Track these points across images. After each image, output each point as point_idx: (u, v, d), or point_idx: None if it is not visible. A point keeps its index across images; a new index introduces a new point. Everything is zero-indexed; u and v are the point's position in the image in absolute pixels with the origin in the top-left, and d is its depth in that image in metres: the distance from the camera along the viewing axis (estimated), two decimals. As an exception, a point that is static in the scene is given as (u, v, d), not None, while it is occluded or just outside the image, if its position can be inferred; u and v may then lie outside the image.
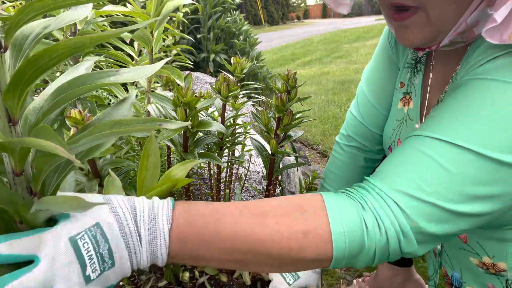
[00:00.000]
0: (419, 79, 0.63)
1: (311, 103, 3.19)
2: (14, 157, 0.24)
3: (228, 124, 0.74)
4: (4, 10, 0.77)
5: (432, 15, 0.46)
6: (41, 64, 0.20)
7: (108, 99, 1.27)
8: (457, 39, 0.49)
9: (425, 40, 0.50)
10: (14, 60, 0.22)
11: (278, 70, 4.73)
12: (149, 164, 0.37)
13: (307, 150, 2.24)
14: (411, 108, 0.64)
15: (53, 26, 0.23)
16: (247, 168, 1.26)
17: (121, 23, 2.28)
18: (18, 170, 0.25)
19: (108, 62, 0.87)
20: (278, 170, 0.76)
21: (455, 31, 0.47)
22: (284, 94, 0.66)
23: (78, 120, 0.49)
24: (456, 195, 0.41)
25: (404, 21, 0.48)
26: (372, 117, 0.75)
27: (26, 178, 0.26)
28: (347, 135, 0.81)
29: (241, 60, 0.77)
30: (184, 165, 0.39)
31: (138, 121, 0.23)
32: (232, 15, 3.26)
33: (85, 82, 0.22)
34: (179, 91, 0.57)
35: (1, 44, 0.21)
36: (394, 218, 0.42)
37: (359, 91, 0.78)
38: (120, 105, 0.29)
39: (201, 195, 1.10)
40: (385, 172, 0.46)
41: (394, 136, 0.68)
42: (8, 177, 0.25)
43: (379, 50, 0.74)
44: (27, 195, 0.27)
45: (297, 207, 0.43)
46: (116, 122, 0.23)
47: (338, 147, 0.82)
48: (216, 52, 2.99)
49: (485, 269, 0.55)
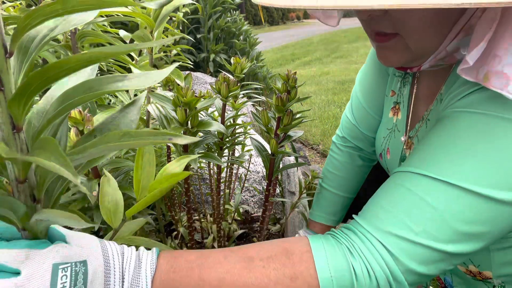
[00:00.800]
0: (407, 90, 0.63)
1: (311, 103, 3.18)
2: (17, 165, 0.23)
3: (228, 124, 0.74)
4: (4, 10, 0.77)
5: (410, 43, 0.46)
6: (51, 75, 0.20)
7: (108, 99, 1.27)
8: (438, 63, 0.49)
9: (403, 62, 0.49)
10: (19, 63, 0.22)
11: (278, 70, 4.73)
12: (144, 162, 0.37)
13: (307, 150, 2.24)
14: (399, 119, 0.64)
15: (59, 29, 0.23)
16: (247, 168, 1.26)
17: (121, 23, 2.28)
18: (21, 178, 0.25)
19: (108, 62, 0.87)
20: (278, 170, 0.76)
21: (434, 57, 0.47)
22: (284, 94, 0.66)
23: (78, 120, 0.49)
24: (446, 233, 0.40)
25: (384, 42, 0.48)
26: (365, 121, 0.75)
27: (30, 186, 0.26)
28: (342, 137, 0.82)
29: (241, 60, 0.77)
30: (179, 161, 0.39)
31: (148, 133, 0.22)
32: (232, 15, 3.26)
33: (92, 88, 0.22)
34: (179, 91, 0.57)
35: (6, 49, 0.20)
36: (383, 262, 0.40)
37: (353, 95, 0.78)
38: (128, 109, 0.29)
39: (201, 195, 1.10)
40: (371, 211, 0.45)
41: (384, 144, 0.68)
42: (12, 185, 0.25)
43: (371, 54, 0.74)
44: (31, 202, 0.27)
45: (283, 250, 0.42)
46: (125, 133, 0.22)
47: (335, 147, 0.82)
48: (216, 52, 2.99)
49: (472, 276, 0.55)
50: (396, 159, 0.63)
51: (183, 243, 1.00)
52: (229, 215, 1.13)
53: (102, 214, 0.39)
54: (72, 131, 0.49)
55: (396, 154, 0.64)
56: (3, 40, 0.20)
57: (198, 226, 1.04)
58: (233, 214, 1.13)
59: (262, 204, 1.31)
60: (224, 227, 0.96)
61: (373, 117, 0.74)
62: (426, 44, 0.45)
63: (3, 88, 0.22)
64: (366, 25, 0.49)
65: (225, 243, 0.99)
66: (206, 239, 1.03)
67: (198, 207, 1.03)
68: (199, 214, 1.01)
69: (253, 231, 1.17)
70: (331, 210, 0.79)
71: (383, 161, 0.69)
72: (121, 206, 0.40)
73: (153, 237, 0.93)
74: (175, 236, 1.07)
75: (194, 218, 1.12)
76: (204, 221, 1.04)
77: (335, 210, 0.79)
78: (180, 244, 1.01)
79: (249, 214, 1.29)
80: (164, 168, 0.38)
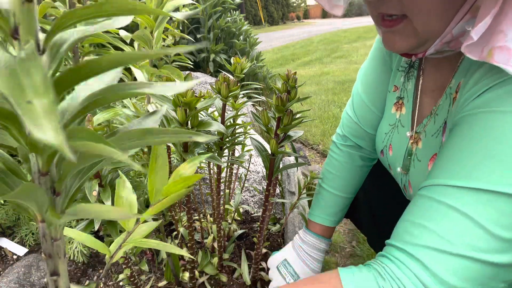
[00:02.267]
0: (411, 85, 0.62)
1: (311, 103, 3.19)
2: (43, 157, 0.24)
3: (228, 124, 0.74)
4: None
5: (417, 25, 0.46)
6: (82, 73, 0.20)
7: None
8: (444, 48, 0.49)
9: (410, 47, 0.49)
10: (50, 62, 0.22)
11: (278, 70, 4.73)
12: (157, 166, 0.37)
13: (307, 150, 2.24)
14: (403, 114, 0.64)
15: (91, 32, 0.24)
16: (247, 168, 1.26)
17: (121, 23, 2.28)
18: (44, 170, 0.25)
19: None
20: (278, 170, 0.76)
21: (440, 40, 0.47)
22: (284, 94, 0.66)
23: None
24: (488, 242, 0.37)
25: (392, 27, 0.48)
26: (367, 118, 0.75)
27: (51, 178, 0.26)
28: (343, 135, 0.81)
29: (241, 60, 0.77)
30: (190, 162, 0.39)
31: (169, 131, 0.23)
32: (232, 15, 3.26)
33: (118, 91, 0.23)
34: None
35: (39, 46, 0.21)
36: (417, 280, 0.38)
37: (354, 92, 0.78)
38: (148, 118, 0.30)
39: (201, 195, 1.10)
40: (402, 230, 0.43)
41: (386, 141, 0.68)
42: (33, 177, 0.26)
43: (374, 50, 0.73)
44: (51, 195, 0.27)
45: (314, 280, 0.45)
46: (147, 131, 0.23)
47: (335, 147, 0.82)
48: (216, 52, 2.99)
49: None
50: (400, 155, 0.63)
51: (183, 243, 1.00)
52: (229, 215, 1.13)
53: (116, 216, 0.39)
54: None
55: (400, 149, 0.63)
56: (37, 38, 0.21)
57: (198, 226, 1.04)
58: (233, 214, 1.13)
59: (262, 204, 1.31)
60: (224, 227, 0.96)
61: (375, 114, 0.73)
62: (433, 26, 0.45)
63: (36, 84, 0.23)
64: (374, 8, 0.49)
65: (225, 243, 0.99)
66: (206, 239, 1.03)
67: (198, 207, 1.03)
68: (199, 214, 1.01)
69: (253, 231, 1.17)
70: (331, 210, 0.79)
71: (385, 157, 0.69)
72: (135, 208, 0.40)
73: (153, 237, 0.93)
74: (175, 236, 1.07)
75: (194, 218, 1.12)
76: (204, 221, 1.04)
77: (334, 210, 0.79)
78: (180, 244, 1.01)
79: (249, 214, 1.29)
80: (177, 170, 0.39)
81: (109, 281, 0.96)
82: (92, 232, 1.02)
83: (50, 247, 0.32)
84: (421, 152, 0.57)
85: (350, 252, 1.27)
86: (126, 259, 0.72)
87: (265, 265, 0.96)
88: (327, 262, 1.21)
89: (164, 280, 0.92)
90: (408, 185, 0.60)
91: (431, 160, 0.53)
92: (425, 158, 0.55)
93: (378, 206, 0.84)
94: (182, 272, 0.91)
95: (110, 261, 0.39)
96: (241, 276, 0.95)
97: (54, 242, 0.31)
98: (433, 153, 0.53)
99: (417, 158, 0.57)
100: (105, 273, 0.42)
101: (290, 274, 0.76)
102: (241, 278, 0.94)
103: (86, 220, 0.58)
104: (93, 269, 1.03)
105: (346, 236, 1.37)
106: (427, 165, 0.54)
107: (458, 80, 0.50)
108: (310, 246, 0.78)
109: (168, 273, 0.89)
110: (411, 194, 0.59)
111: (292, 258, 0.78)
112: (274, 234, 1.17)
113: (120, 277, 0.77)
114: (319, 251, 0.77)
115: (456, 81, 0.50)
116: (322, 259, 0.78)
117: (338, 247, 1.30)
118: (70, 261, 1.05)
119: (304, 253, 0.77)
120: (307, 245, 0.78)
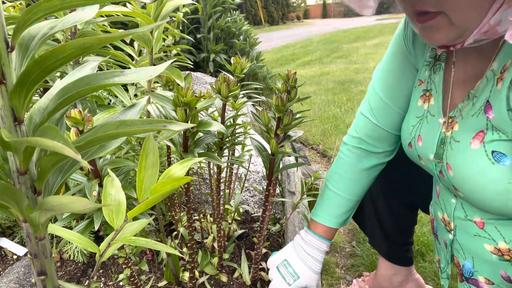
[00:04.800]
0: (439, 76, 0.64)
1: (311, 103, 3.19)
2: (19, 156, 0.24)
3: (228, 124, 0.74)
4: (4, 10, 0.76)
5: (454, 18, 0.47)
6: (48, 64, 0.20)
7: (108, 99, 1.27)
8: (482, 37, 0.50)
9: (449, 39, 0.51)
10: (20, 59, 0.22)
11: (278, 70, 4.73)
12: (148, 164, 0.37)
13: (307, 150, 2.24)
14: (431, 105, 0.65)
15: (59, 27, 0.23)
16: (247, 168, 1.26)
17: (121, 23, 2.28)
18: (22, 169, 0.25)
19: (108, 62, 0.87)
20: (278, 170, 0.76)
21: (479, 31, 0.48)
22: (284, 94, 0.66)
23: (78, 120, 0.49)
24: None
25: (428, 22, 0.50)
26: (387, 118, 0.75)
27: (31, 177, 0.26)
28: (358, 137, 0.79)
29: (241, 60, 0.77)
30: (183, 164, 0.39)
31: (143, 121, 0.23)
32: (232, 15, 3.26)
33: (90, 82, 0.22)
34: (179, 91, 0.58)
35: (8, 44, 0.21)
36: None
37: (371, 93, 0.77)
38: (129, 110, 0.29)
39: (201, 195, 1.10)
40: None
41: (414, 133, 0.69)
42: (13, 176, 0.26)
43: (393, 53, 0.73)
44: (31, 194, 0.27)
45: None
46: (121, 123, 0.23)
47: (345, 149, 0.81)
48: (216, 52, 2.99)
49: (500, 255, 0.55)
50: (432, 143, 0.64)
51: (183, 243, 1.00)
52: (229, 215, 1.13)
53: (104, 214, 0.39)
54: (72, 130, 0.49)
55: (431, 138, 0.65)
56: (5, 35, 0.20)
57: (198, 226, 1.04)
58: (233, 214, 1.13)
59: (262, 204, 1.31)
60: (224, 227, 0.96)
61: (397, 112, 0.74)
62: (470, 18, 0.47)
63: (5, 81, 0.23)
64: (408, 6, 0.51)
65: (225, 243, 0.99)
66: (206, 239, 1.03)
67: (198, 207, 1.03)
68: (199, 214, 1.01)
69: (253, 231, 1.17)
70: (334, 211, 0.79)
71: (413, 149, 0.69)
72: (123, 206, 0.40)
73: (153, 237, 0.93)
74: (175, 236, 1.07)
75: (194, 218, 1.12)
76: (204, 221, 1.04)
77: (338, 212, 0.79)
78: (180, 244, 1.01)
79: (249, 214, 1.29)
80: (167, 170, 0.38)
81: (109, 281, 0.96)
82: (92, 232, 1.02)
83: (35, 246, 0.31)
84: (458, 134, 0.59)
85: (350, 252, 1.27)
86: (126, 259, 0.72)
87: (265, 265, 0.96)
88: (327, 262, 1.21)
89: (164, 280, 0.92)
90: (447, 168, 0.61)
91: (474, 138, 0.56)
92: (465, 138, 0.57)
93: (383, 207, 0.84)
94: (182, 272, 0.91)
95: (100, 259, 0.39)
96: (241, 276, 0.95)
97: (39, 242, 0.31)
98: (476, 131, 0.55)
99: (454, 140, 0.59)
100: (96, 271, 0.42)
101: (290, 274, 0.76)
102: (241, 278, 0.94)
103: (86, 220, 0.57)
104: (93, 269, 1.03)
105: (346, 236, 1.37)
106: (469, 143, 0.56)
107: (503, 62, 0.52)
108: (311, 247, 0.77)
109: (168, 273, 0.89)
110: (451, 176, 0.60)
111: (292, 258, 0.78)
112: (274, 234, 1.17)
113: (120, 277, 0.77)
114: (319, 252, 0.77)
115: (501, 63, 0.52)
116: (322, 259, 0.78)
117: (338, 247, 1.30)
118: (70, 261, 1.05)
119: (305, 253, 0.77)
120: (308, 245, 0.78)
